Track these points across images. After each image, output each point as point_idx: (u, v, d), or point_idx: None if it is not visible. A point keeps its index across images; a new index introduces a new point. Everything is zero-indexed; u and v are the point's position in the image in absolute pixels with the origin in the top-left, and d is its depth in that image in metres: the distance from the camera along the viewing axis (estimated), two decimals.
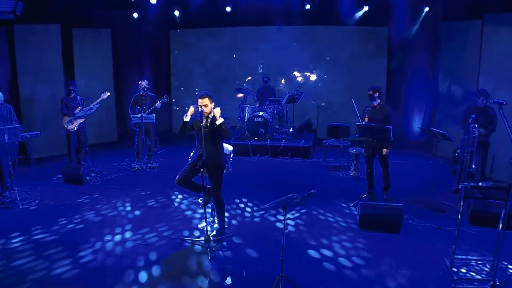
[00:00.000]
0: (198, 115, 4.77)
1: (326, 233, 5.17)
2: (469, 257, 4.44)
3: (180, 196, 6.46)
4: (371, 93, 6.09)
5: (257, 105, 9.86)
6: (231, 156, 5.41)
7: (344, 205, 6.17)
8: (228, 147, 5.36)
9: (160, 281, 4.07)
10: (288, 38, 10.51)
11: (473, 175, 6.22)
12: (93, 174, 7.46)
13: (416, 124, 9.49)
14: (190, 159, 5.19)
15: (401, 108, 9.89)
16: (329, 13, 9.72)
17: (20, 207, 6.00)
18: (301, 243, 4.91)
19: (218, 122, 4.64)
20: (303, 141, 9.21)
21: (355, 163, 7.56)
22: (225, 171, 5.13)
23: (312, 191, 3.58)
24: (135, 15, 10.07)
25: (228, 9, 9.80)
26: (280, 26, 10.32)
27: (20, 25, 8.22)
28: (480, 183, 4.26)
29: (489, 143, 6.10)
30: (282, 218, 5.58)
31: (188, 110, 4.81)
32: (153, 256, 4.55)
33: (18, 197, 6.13)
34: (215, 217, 5.23)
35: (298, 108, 10.54)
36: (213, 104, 4.83)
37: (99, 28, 9.83)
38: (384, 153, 6.09)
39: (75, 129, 7.76)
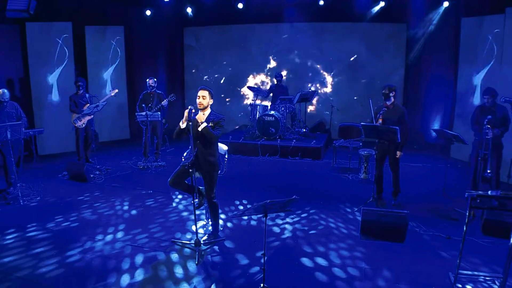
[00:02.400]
0: (194, 115, 4.63)
1: (324, 240, 4.89)
2: (476, 272, 4.05)
3: (180, 196, 6.33)
4: (387, 92, 5.66)
5: (270, 103, 9.65)
6: (226, 156, 5.20)
7: (348, 210, 5.86)
8: (223, 146, 5.16)
9: (141, 286, 3.92)
10: (301, 35, 10.22)
11: (488, 180, 5.77)
12: (97, 172, 7.45)
13: (435, 125, 8.98)
14: (183, 159, 5.03)
15: (419, 107, 9.42)
16: (343, 9, 9.37)
17: (21, 203, 6.03)
18: (295, 249, 4.65)
19: (200, 128, 4.46)
20: (314, 141, 8.91)
21: (365, 165, 7.21)
22: (219, 172, 4.95)
23: (294, 197, 3.32)
24: (148, 12, 10.05)
25: (240, 5, 9.60)
26: (293, 23, 10.05)
27: (32, 23, 8.33)
28: (489, 192, 3.87)
29: (502, 144, 5.65)
30: (280, 222, 5.39)
31: (184, 116, 4.62)
32: (139, 258, 4.41)
33: (20, 193, 6.16)
34: (209, 219, 5.06)
35: (311, 107, 10.23)
36: (211, 100, 4.67)
37: (112, 25, 9.86)
38: (398, 155, 5.75)
39: (83, 126, 7.79)
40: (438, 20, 8.52)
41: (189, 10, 10.17)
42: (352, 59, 10.06)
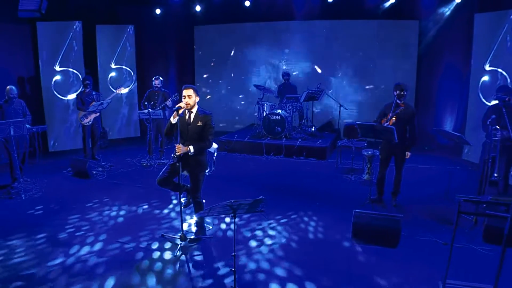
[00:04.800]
0: (182, 112, 4.63)
1: (306, 245, 4.69)
2: (465, 283, 3.80)
3: (174, 199, 6.24)
4: (405, 92, 5.48)
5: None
6: (215, 155, 5.14)
7: (342, 212, 5.64)
8: (213, 145, 5.09)
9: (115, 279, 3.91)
10: (311, 32, 10.03)
11: (496, 184, 5.45)
12: (100, 169, 7.56)
13: (447, 125, 8.59)
14: (172, 158, 4.99)
15: (431, 107, 9.06)
16: (353, 5, 9.10)
17: (23, 198, 6.18)
18: (276, 259, 4.45)
19: (190, 153, 4.47)
20: (320, 141, 8.71)
21: (368, 166, 6.96)
22: (207, 170, 4.90)
23: (260, 197, 3.20)
24: (158, 11, 10.10)
25: (247, 3, 9.52)
26: (302, 20, 9.86)
27: (43, 22, 8.52)
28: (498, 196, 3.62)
29: None
30: (267, 224, 5.25)
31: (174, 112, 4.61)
32: (120, 255, 4.40)
33: (22, 189, 6.31)
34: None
35: (321, 106, 10.04)
36: (197, 98, 4.66)
37: (122, 24, 9.98)
38: (407, 156, 5.58)
39: (90, 123, 7.92)
40: (451, 16, 8.14)
41: (198, 8, 10.12)
42: (362, 57, 9.76)
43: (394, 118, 5.42)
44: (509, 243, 4.28)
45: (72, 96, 9.05)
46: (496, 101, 5.29)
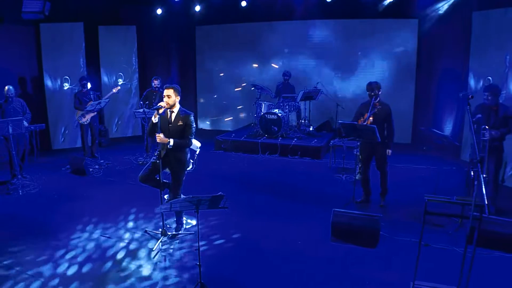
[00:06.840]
0: (163, 111, 4.71)
1: (289, 246, 4.70)
2: (433, 284, 3.75)
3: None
4: (378, 92, 5.48)
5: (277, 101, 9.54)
6: (197, 152, 5.20)
7: (324, 213, 5.61)
8: (196, 143, 5.16)
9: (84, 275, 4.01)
10: (311, 32, 10.02)
11: (485, 184, 5.34)
12: (96, 166, 7.73)
13: (447, 126, 8.44)
14: (155, 156, 5.08)
15: (430, 107, 8.93)
16: (352, 5, 9.03)
17: (20, 193, 6.39)
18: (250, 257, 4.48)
19: (169, 146, 4.55)
20: (315, 140, 8.69)
21: (360, 165, 6.90)
22: (190, 168, 4.97)
23: (219, 193, 3.23)
24: (159, 11, 10.23)
25: (243, 3, 9.58)
26: (302, 20, 9.86)
27: (46, 24, 8.76)
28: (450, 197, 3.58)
29: (503, 148, 5.19)
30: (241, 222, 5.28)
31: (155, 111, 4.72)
32: (94, 253, 4.49)
33: (20, 185, 6.52)
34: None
35: (319, 106, 9.99)
36: (178, 97, 4.74)
37: (124, 25, 10.15)
38: (388, 154, 5.54)
39: (87, 122, 8.10)
40: (450, 15, 8.00)
41: (197, 8, 10.17)
42: (361, 56, 9.69)
43: (371, 118, 5.39)
44: (478, 243, 4.22)
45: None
46: (484, 100, 5.20)
